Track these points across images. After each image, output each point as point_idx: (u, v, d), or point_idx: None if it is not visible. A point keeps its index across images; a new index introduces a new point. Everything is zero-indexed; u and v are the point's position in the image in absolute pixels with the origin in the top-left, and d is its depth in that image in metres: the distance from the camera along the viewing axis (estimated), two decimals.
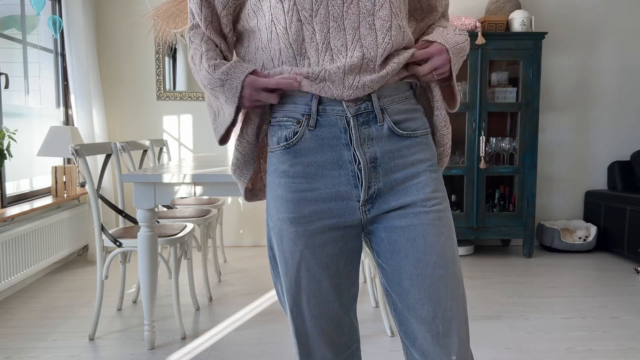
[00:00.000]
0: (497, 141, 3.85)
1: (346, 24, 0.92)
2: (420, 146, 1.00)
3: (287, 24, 0.92)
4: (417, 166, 0.98)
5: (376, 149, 0.96)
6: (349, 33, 0.92)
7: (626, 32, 4.21)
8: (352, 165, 0.95)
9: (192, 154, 4.18)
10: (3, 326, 2.53)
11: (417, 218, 0.96)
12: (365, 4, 0.92)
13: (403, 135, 0.97)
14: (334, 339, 1.04)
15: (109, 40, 4.06)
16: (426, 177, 0.98)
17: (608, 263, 3.74)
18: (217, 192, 2.16)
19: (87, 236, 3.80)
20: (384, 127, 0.96)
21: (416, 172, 0.98)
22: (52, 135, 3.31)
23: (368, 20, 0.92)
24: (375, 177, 0.96)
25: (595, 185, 4.31)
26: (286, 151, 0.98)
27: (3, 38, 3.24)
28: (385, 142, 0.96)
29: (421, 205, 0.97)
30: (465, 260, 3.83)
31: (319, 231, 0.97)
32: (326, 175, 0.96)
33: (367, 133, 0.95)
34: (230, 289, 3.13)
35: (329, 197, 0.97)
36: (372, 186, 0.96)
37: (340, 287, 1.02)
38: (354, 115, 0.94)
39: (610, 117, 4.27)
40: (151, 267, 2.20)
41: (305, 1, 0.91)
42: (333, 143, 0.95)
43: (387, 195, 0.97)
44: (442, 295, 0.95)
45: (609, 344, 2.32)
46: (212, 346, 2.30)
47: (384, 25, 0.93)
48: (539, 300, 2.93)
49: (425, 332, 0.96)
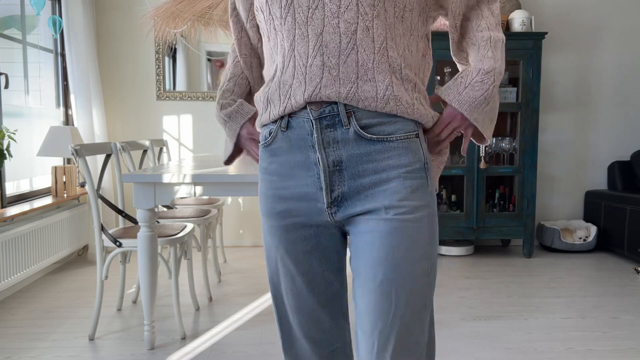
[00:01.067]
0: (497, 141, 3.85)
1: (309, 30, 0.90)
2: (396, 151, 0.93)
3: (269, 33, 0.97)
4: (389, 172, 0.93)
5: (342, 153, 0.93)
6: (312, 40, 0.90)
7: (626, 32, 4.21)
8: (317, 168, 0.95)
9: (192, 154, 4.18)
10: (3, 326, 2.53)
11: (377, 225, 0.93)
12: (331, 7, 0.89)
13: (373, 139, 0.93)
14: (313, 334, 1.06)
15: (109, 40, 4.06)
16: (397, 183, 0.93)
17: (608, 263, 3.74)
18: (217, 192, 2.16)
19: (87, 236, 3.80)
20: (350, 131, 0.93)
21: (386, 177, 0.93)
22: (52, 135, 3.31)
23: (332, 23, 0.89)
24: (340, 181, 0.94)
25: (595, 185, 4.31)
26: (265, 149, 1.02)
27: (3, 38, 3.24)
28: (353, 145, 0.93)
29: (384, 212, 0.93)
30: (465, 260, 3.83)
31: (291, 228, 1.00)
32: (296, 175, 0.98)
33: (332, 136, 0.93)
34: (230, 289, 3.13)
35: (298, 196, 0.98)
36: (335, 189, 0.95)
37: (315, 284, 1.03)
38: (316, 118, 0.93)
39: (610, 117, 4.27)
40: (151, 267, 2.20)
41: (276, 10, 0.92)
42: (301, 145, 0.96)
43: (353, 199, 0.95)
44: (385, 310, 0.92)
45: (609, 344, 2.32)
46: (212, 346, 2.30)
47: (349, 29, 0.89)
48: (539, 300, 2.93)
49: (364, 342, 0.95)
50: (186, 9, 2.86)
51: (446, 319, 2.62)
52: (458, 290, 3.11)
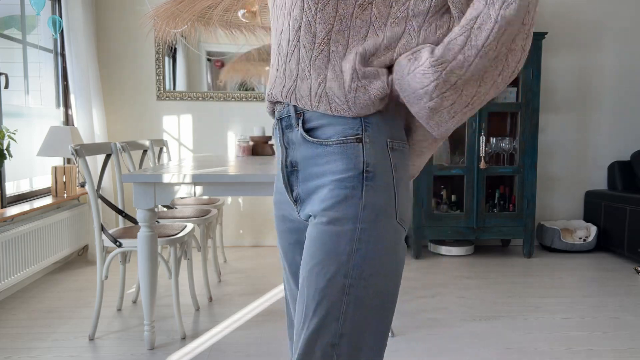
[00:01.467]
0: (497, 141, 3.85)
1: (276, 30, 0.92)
2: (332, 156, 0.87)
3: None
4: (324, 177, 0.88)
5: (296, 154, 0.93)
6: (276, 36, 0.91)
7: (626, 32, 4.21)
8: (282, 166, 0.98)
9: (192, 154, 4.18)
10: (3, 326, 2.53)
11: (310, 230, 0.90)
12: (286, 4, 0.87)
13: (315, 142, 0.88)
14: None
15: (109, 40, 4.06)
16: (327, 192, 0.87)
17: (608, 263, 3.74)
18: (217, 192, 2.16)
19: (87, 236, 3.80)
20: (298, 133, 0.91)
21: (322, 183, 0.88)
22: (52, 135, 3.31)
23: (286, 22, 0.87)
24: (296, 182, 0.94)
25: (595, 185, 4.31)
26: None
27: (3, 38, 3.24)
28: (303, 148, 0.91)
29: (313, 218, 0.90)
30: (465, 260, 3.83)
31: (280, 219, 1.04)
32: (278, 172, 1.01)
33: (290, 137, 0.93)
34: (230, 289, 3.13)
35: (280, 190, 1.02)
36: (294, 189, 0.95)
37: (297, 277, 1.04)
38: (278, 118, 0.96)
39: (610, 117, 4.27)
40: (151, 267, 2.20)
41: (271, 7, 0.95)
42: (277, 143, 0.99)
43: (306, 201, 0.93)
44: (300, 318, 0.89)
45: (609, 344, 2.32)
46: (212, 346, 2.30)
47: (295, 25, 0.85)
48: (539, 300, 2.92)
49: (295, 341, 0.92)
50: (186, 9, 2.86)
51: (446, 319, 2.62)
52: (458, 290, 3.11)
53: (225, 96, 4.13)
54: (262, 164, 2.67)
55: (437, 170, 3.81)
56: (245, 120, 4.16)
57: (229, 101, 4.15)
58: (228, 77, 4.16)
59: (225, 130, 4.18)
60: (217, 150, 4.19)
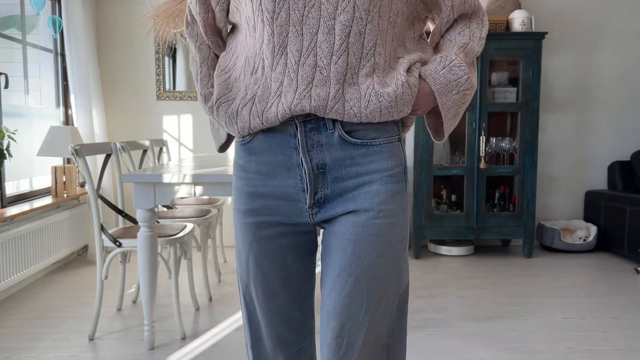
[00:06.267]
0: (497, 141, 3.85)
1: (304, 29, 0.89)
2: (378, 155, 0.95)
3: (255, 23, 0.93)
4: (372, 175, 0.94)
5: (325, 156, 0.94)
6: (306, 39, 0.89)
7: (626, 32, 4.21)
8: (300, 170, 0.95)
9: (192, 154, 4.18)
10: (3, 326, 2.53)
11: (354, 228, 0.94)
12: (327, 7, 0.88)
13: (357, 143, 0.94)
14: (282, 332, 1.06)
15: (109, 40, 4.06)
16: (378, 187, 0.94)
17: (608, 263, 3.74)
18: (217, 192, 2.16)
19: (87, 236, 3.80)
20: (334, 135, 0.93)
21: (369, 180, 0.94)
22: (52, 135, 3.31)
23: (328, 24, 0.88)
24: (323, 183, 0.95)
25: (595, 185, 4.31)
26: (242, 147, 1.01)
27: (3, 38, 3.24)
28: (337, 149, 0.94)
29: (364, 214, 0.94)
30: (465, 260, 3.83)
31: (267, 225, 1.00)
32: (277, 175, 0.97)
33: (316, 139, 0.94)
34: (230, 289, 3.13)
35: (278, 195, 0.98)
36: (319, 192, 0.95)
37: (288, 281, 1.03)
38: (301, 121, 0.93)
39: (610, 117, 4.27)
40: (151, 267, 2.20)
41: (268, 3, 0.89)
42: (283, 146, 0.95)
43: (335, 201, 0.96)
44: (354, 312, 0.94)
45: (609, 344, 2.32)
46: (212, 346, 2.30)
47: (344, 31, 0.88)
48: (539, 300, 2.92)
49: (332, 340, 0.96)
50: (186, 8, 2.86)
51: (446, 319, 2.62)
52: (458, 290, 3.11)
53: None
54: None
55: (437, 170, 3.81)
56: None
57: None
58: None
59: None
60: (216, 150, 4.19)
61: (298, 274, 1.04)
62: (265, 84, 0.93)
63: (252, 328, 1.08)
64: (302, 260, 1.04)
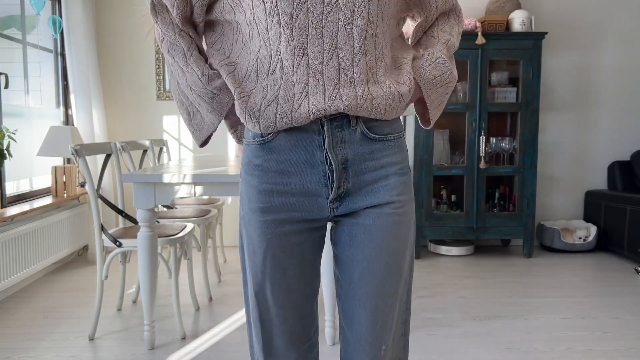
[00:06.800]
0: (497, 141, 3.85)
1: (324, 32, 0.93)
2: (392, 149, 1.03)
3: (268, 25, 0.93)
4: (387, 169, 1.03)
5: (348, 152, 0.99)
6: (327, 41, 0.93)
7: (626, 32, 4.21)
8: (324, 166, 0.99)
9: (192, 154, 4.18)
10: (3, 326, 2.53)
11: (379, 219, 1.02)
12: (345, 12, 0.92)
13: (375, 138, 1.01)
14: (297, 329, 1.09)
15: (109, 40, 4.06)
16: (394, 180, 1.03)
17: (608, 263, 3.74)
18: (217, 192, 2.16)
19: (87, 236, 3.80)
20: (357, 131, 0.99)
21: (385, 174, 1.02)
22: (52, 135, 3.31)
23: (346, 28, 0.93)
24: (345, 178, 1.00)
25: (595, 185, 4.31)
26: (261, 147, 1.01)
27: (3, 38, 3.24)
28: (357, 145, 1.00)
29: (386, 206, 1.02)
30: (465, 260, 3.83)
31: (287, 221, 1.02)
32: (298, 173, 1.00)
33: (340, 136, 0.98)
34: (230, 289, 3.13)
35: (299, 192, 1.01)
36: (341, 186, 1.00)
37: (304, 276, 1.06)
38: (328, 119, 0.97)
39: (610, 117, 4.27)
40: (151, 267, 2.20)
41: (286, 5, 0.91)
42: (306, 144, 0.99)
43: (355, 195, 1.02)
44: (387, 292, 1.04)
45: (609, 344, 2.32)
46: (212, 346, 2.30)
47: (361, 35, 0.94)
48: (539, 300, 2.93)
49: (366, 321, 1.05)
50: None
51: (446, 319, 2.62)
52: (458, 290, 3.11)
53: None
54: None
55: (437, 170, 3.81)
56: None
57: None
58: None
59: (225, 130, 4.18)
60: (217, 150, 4.19)
61: (312, 269, 1.08)
62: (287, 85, 0.95)
63: (265, 328, 1.08)
64: (316, 254, 1.08)
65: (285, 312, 1.06)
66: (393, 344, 1.08)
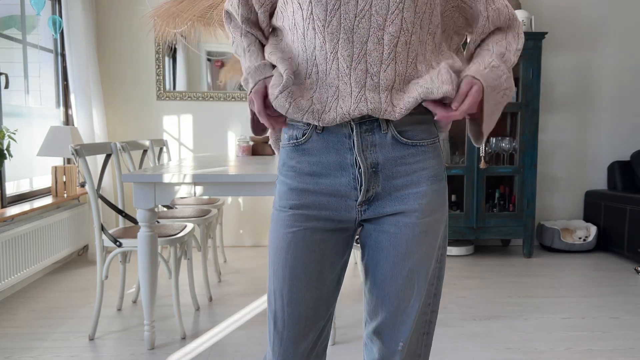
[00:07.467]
0: (497, 141, 3.85)
1: (355, 37, 0.95)
2: (425, 154, 1.03)
3: (305, 31, 0.98)
4: (419, 174, 1.02)
5: (378, 155, 1.00)
6: (356, 47, 0.95)
7: (626, 32, 4.21)
8: (354, 169, 1.01)
9: (192, 154, 4.18)
10: (3, 326, 2.53)
11: (405, 229, 1.03)
12: (377, 19, 0.94)
13: (408, 143, 1.01)
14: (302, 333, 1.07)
15: (109, 40, 4.06)
16: (426, 187, 1.03)
17: (608, 263, 3.74)
18: (217, 192, 2.16)
19: (87, 236, 3.80)
20: (387, 135, 1.00)
21: (417, 180, 1.02)
22: (52, 135, 3.31)
23: (377, 35, 0.95)
24: (375, 182, 1.01)
25: (595, 185, 4.31)
26: (295, 149, 1.05)
27: (3, 38, 3.25)
28: (389, 149, 1.00)
29: (413, 215, 1.02)
30: (465, 260, 3.83)
31: (314, 217, 1.04)
32: (329, 175, 1.02)
33: (370, 140, 1.00)
34: (230, 289, 3.13)
35: (329, 192, 1.03)
36: (370, 189, 1.01)
37: (323, 275, 1.06)
38: (357, 123, 0.99)
39: (610, 117, 4.27)
40: (151, 267, 2.20)
41: (320, 12, 0.95)
42: (337, 147, 1.01)
43: (385, 199, 1.02)
44: (408, 295, 1.06)
45: (609, 344, 2.32)
46: (212, 346, 2.30)
47: (392, 42, 0.95)
48: (539, 300, 2.93)
49: (386, 318, 1.08)
50: (186, 9, 2.86)
51: (446, 319, 2.63)
52: (458, 290, 3.11)
53: (225, 96, 4.14)
54: (262, 163, 2.67)
55: None
56: (245, 120, 4.16)
57: (229, 101, 4.15)
58: (228, 77, 4.16)
59: (225, 130, 4.18)
60: (217, 150, 4.19)
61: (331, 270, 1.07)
62: (320, 89, 0.99)
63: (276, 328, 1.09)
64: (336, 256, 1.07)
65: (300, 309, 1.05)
66: (416, 340, 1.10)
